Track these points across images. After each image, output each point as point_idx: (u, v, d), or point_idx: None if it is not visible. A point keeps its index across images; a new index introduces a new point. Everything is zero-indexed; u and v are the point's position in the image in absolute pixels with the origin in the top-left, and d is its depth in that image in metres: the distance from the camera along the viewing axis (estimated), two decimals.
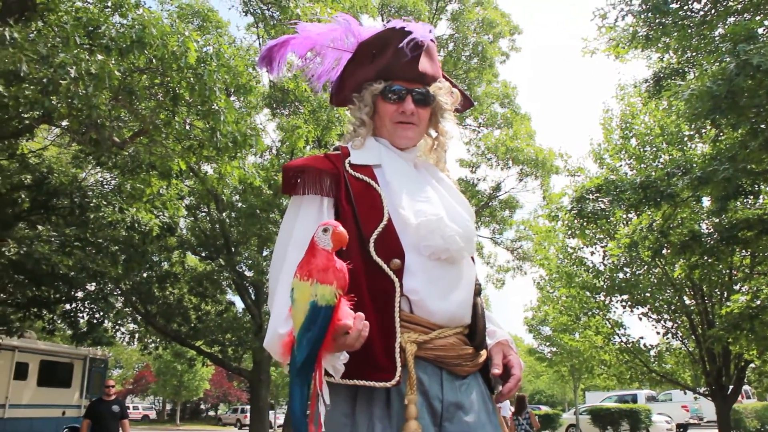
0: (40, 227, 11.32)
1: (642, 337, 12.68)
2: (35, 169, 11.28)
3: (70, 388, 18.29)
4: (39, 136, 13.21)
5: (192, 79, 7.16)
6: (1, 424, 16.16)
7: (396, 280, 1.62)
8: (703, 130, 8.14)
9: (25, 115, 8.81)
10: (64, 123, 8.92)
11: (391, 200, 1.71)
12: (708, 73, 6.29)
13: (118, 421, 8.73)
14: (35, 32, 7.24)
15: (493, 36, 20.62)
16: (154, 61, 7.14)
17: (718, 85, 5.54)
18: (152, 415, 53.73)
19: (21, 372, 16.93)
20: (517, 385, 1.75)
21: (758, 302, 8.27)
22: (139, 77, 7.63)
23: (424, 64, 1.84)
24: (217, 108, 7.59)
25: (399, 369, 1.56)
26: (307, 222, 1.68)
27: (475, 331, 1.75)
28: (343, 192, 1.72)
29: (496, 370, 1.76)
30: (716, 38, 7.39)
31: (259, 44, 13.87)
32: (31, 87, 7.07)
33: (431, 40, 1.87)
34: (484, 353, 1.77)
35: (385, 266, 1.62)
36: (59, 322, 13.61)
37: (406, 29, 1.82)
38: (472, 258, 1.87)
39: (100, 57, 6.43)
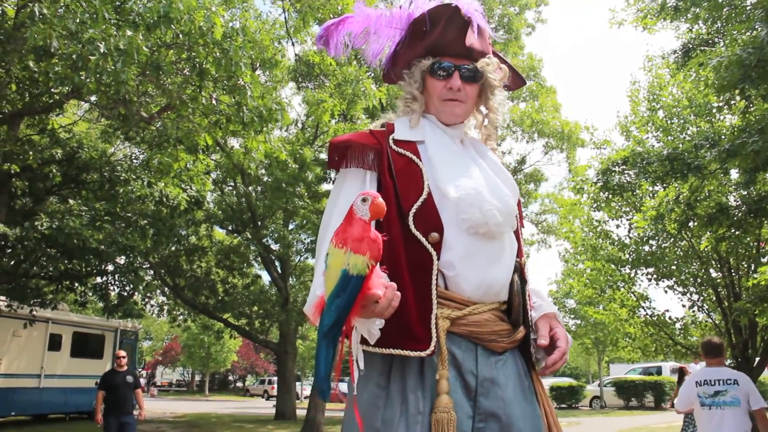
0: (71, 201, 11.53)
1: (668, 310, 12.62)
2: (65, 143, 11.48)
3: (102, 359, 18.79)
4: (69, 112, 13.41)
5: (218, 54, 7.22)
6: (37, 393, 16.67)
7: (434, 252, 1.65)
8: (733, 102, 8.01)
9: (55, 91, 8.96)
10: (93, 98, 9.05)
11: (432, 175, 1.74)
12: (738, 42, 6.19)
13: (132, 391, 8.95)
14: (64, 8, 7.32)
15: (519, 8, 20.35)
16: (180, 36, 7.20)
17: (748, 54, 5.46)
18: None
19: (55, 343, 17.43)
20: (562, 358, 1.76)
21: None
22: (166, 52, 7.70)
23: (471, 40, 1.85)
24: (243, 83, 7.65)
25: (434, 339, 1.58)
26: (351, 193, 1.71)
27: (511, 307, 1.76)
28: (385, 166, 1.76)
29: (543, 341, 1.77)
30: (748, 8, 7.25)
31: (285, 18, 13.82)
32: (61, 63, 7.19)
33: (481, 14, 1.89)
34: (522, 330, 1.77)
35: (423, 239, 1.65)
36: (91, 294, 13.90)
37: (454, 5, 1.83)
38: (518, 234, 1.87)
39: (128, 32, 6.49)
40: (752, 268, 10.48)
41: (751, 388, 5.18)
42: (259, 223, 17.53)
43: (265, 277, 20.31)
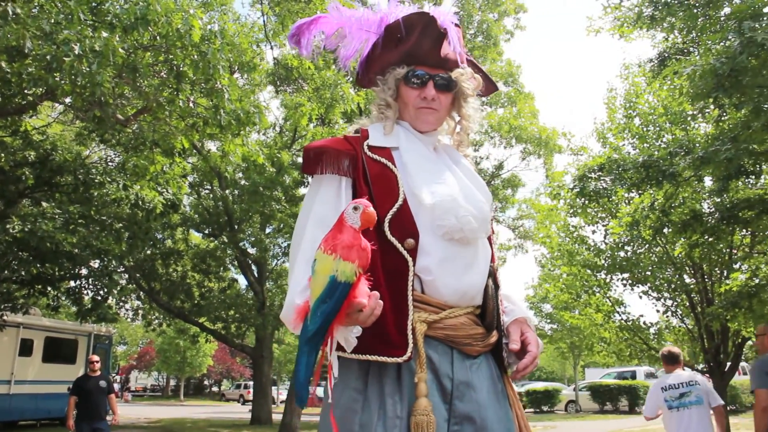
0: (44, 204, 11.36)
1: (642, 315, 12.75)
2: (39, 146, 11.30)
3: (74, 365, 18.50)
4: (42, 113, 13.23)
5: (196, 56, 7.15)
6: (7, 400, 16.36)
7: (410, 259, 1.65)
8: (707, 110, 8.12)
9: (29, 92, 8.80)
10: (68, 100, 8.92)
11: (407, 182, 1.74)
12: (712, 52, 6.27)
13: (106, 396, 8.81)
14: (38, 8, 7.21)
15: (498, 14, 20.48)
16: (158, 38, 7.12)
17: (722, 63, 5.53)
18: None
19: (26, 348, 17.13)
20: (533, 362, 1.77)
21: (757, 281, 8.30)
22: (143, 54, 7.61)
23: (446, 50, 1.86)
24: (220, 86, 7.59)
25: (411, 346, 1.59)
26: (326, 200, 1.73)
27: (485, 311, 1.78)
28: (360, 173, 1.76)
29: (514, 346, 1.78)
30: (722, 18, 7.35)
31: (264, 21, 13.78)
32: (35, 63, 7.08)
33: (456, 25, 1.89)
34: (495, 334, 1.79)
35: (399, 246, 1.66)
36: (63, 298, 13.71)
37: (430, 14, 1.83)
38: (490, 239, 1.89)
39: (104, 34, 6.41)
40: (725, 274, 10.63)
41: (709, 387, 5.78)
42: (236, 227, 17.43)
43: (242, 281, 20.21)
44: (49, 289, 12.54)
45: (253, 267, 18.76)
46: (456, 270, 1.70)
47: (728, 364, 10.86)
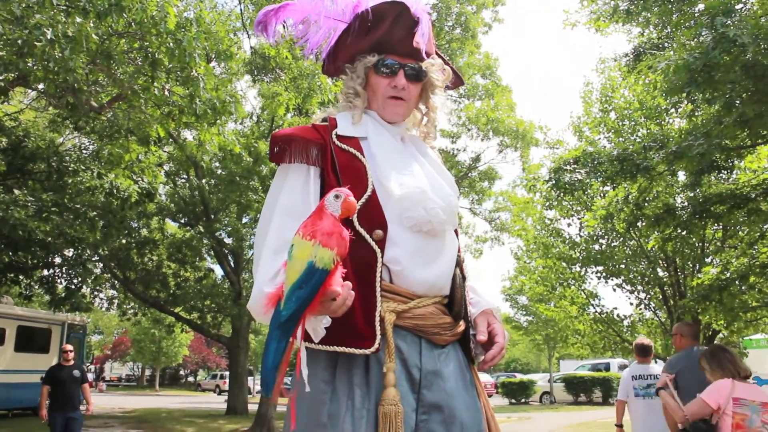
0: (16, 192, 11.19)
1: (616, 308, 12.92)
2: (11, 132, 11.13)
3: (48, 354, 18.29)
4: (15, 100, 13.01)
5: (171, 44, 7.07)
6: None
7: (378, 250, 1.65)
8: (680, 106, 8.21)
9: None
10: (41, 86, 8.79)
11: (376, 172, 1.74)
12: (686, 47, 6.33)
13: (79, 386, 8.73)
14: None
15: (476, 6, 20.47)
16: (133, 25, 7.03)
17: (695, 59, 5.58)
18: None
19: None
20: (500, 353, 1.78)
21: (728, 274, 8.44)
22: (118, 41, 7.52)
23: (418, 40, 1.85)
24: (196, 74, 7.53)
25: (378, 337, 1.59)
26: (293, 190, 1.71)
27: (453, 301, 1.78)
28: (329, 162, 1.75)
29: (482, 337, 1.80)
30: (696, 14, 7.41)
31: (241, 9, 13.66)
32: (6, 48, 6.95)
33: (428, 15, 1.88)
34: (462, 324, 1.80)
35: (367, 236, 1.66)
36: (37, 287, 13.54)
37: (402, 3, 1.82)
38: (456, 231, 1.90)
39: (77, 19, 6.32)
40: (697, 267, 10.77)
41: None
42: (212, 217, 17.30)
43: (218, 271, 20.10)
44: (21, 277, 12.39)
45: (230, 257, 18.65)
46: (424, 261, 1.71)
47: None
